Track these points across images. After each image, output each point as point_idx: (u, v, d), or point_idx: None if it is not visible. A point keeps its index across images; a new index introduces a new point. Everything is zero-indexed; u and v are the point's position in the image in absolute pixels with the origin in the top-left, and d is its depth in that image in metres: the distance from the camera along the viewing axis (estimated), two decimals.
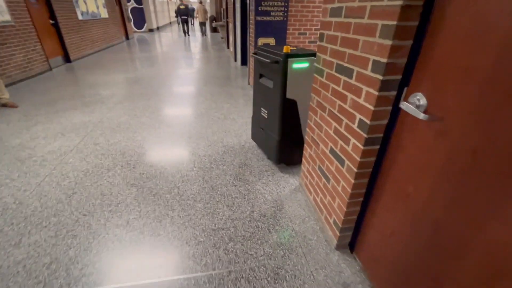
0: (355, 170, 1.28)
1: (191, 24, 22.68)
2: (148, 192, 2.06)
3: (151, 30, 15.17)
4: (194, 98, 4.26)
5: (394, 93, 1.10)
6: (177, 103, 4.06)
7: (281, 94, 2.05)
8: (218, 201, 1.98)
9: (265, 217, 1.84)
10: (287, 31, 4.26)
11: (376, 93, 1.08)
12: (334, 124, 1.47)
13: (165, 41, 11.69)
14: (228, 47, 9.35)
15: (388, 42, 0.98)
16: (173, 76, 5.61)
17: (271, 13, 4.08)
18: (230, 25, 7.87)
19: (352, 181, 1.32)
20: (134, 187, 2.11)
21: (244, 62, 6.64)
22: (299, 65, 1.98)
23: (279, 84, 2.03)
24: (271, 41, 4.28)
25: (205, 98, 4.26)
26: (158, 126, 3.21)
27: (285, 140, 2.26)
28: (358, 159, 1.25)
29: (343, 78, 1.33)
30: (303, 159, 2.04)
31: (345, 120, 1.35)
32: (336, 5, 1.32)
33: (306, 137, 1.94)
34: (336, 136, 1.46)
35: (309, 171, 1.92)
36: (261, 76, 2.36)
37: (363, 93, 1.17)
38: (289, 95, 2.07)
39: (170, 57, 7.76)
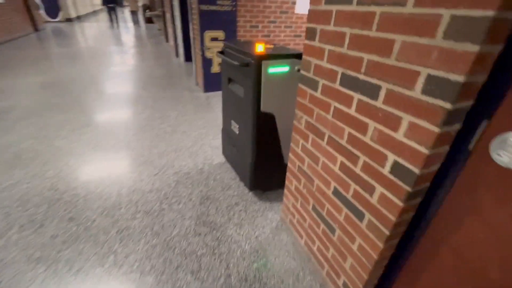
0: (387, 232, 0.87)
1: (122, 13, 20.20)
2: (65, 269, 1.36)
3: (69, 20, 12.75)
4: (130, 106, 3.43)
5: (458, 126, 0.70)
6: (108, 114, 3.19)
7: (253, 106, 1.58)
8: (177, 267, 1.40)
9: (246, 281, 1.35)
10: (237, 23, 3.72)
11: (436, 128, 0.66)
12: (340, 158, 1.04)
13: (90, 33, 9.87)
14: (167, 41, 8.31)
15: (471, 48, 0.56)
16: (101, 78, 4.55)
17: (217, 2, 3.47)
18: (168, 15, 6.91)
19: (381, 245, 0.91)
20: (42, 262, 1.38)
21: (188, 57, 5.86)
22: (276, 69, 1.50)
23: (251, 93, 1.56)
24: (220, 34, 3.69)
25: (145, 106, 3.47)
26: (81, 151, 2.38)
27: (260, 163, 1.79)
28: (393, 218, 0.84)
29: (357, 96, 0.89)
30: (285, 191, 1.59)
31: (363, 158, 0.92)
32: None
33: (290, 165, 1.49)
34: (345, 176, 1.03)
35: (296, 208, 1.48)
36: (230, 80, 1.85)
37: (404, 124, 0.75)
38: (264, 107, 1.59)
39: (97, 53, 6.44)
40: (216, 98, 3.88)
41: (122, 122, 2.98)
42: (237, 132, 1.89)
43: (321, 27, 1.01)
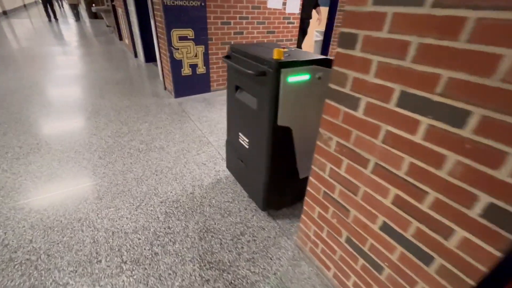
0: (472, 282, 0.73)
1: (60, 7, 17.94)
2: None
3: None
4: (89, 121, 2.91)
5: None
6: (62, 133, 2.65)
7: (270, 119, 1.37)
8: None
9: None
10: (208, 20, 3.38)
11: None
12: (395, 191, 0.86)
13: (23, 31, 8.45)
14: (121, 39, 7.48)
15: None
16: (46, 86, 3.84)
17: None
18: (120, 10, 6.16)
19: None
20: None
21: (149, 58, 5.30)
22: (296, 77, 1.30)
23: (267, 105, 1.35)
24: (189, 33, 3.31)
25: (108, 119, 2.97)
26: (31, 187, 1.89)
27: (274, 181, 1.60)
28: (484, 268, 0.69)
29: (427, 121, 0.72)
30: (303, 217, 1.40)
31: (434, 194, 0.76)
32: None
33: (311, 190, 1.29)
34: (401, 211, 0.86)
35: (320, 237, 1.29)
36: (237, 87, 1.63)
37: (510, 160, 0.59)
38: (281, 121, 1.39)
39: (35, 55, 5.47)
40: (191, 103, 3.52)
41: (81, 142, 2.49)
42: (247, 147, 1.67)
43: (366, 33, 0.81)
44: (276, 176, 1.59)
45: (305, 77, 1.33)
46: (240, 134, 1.72)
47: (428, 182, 0.76)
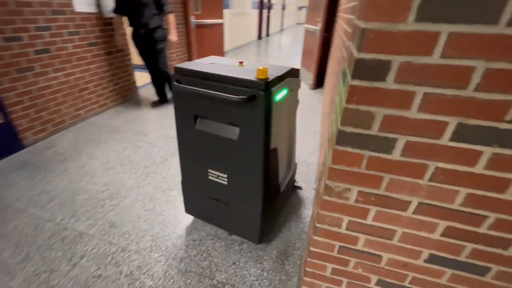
0: None
1: None
2: None
3: None
4: None
5: None
6: None
7: (263, 146, 1.23)
8: None
9: None
10: None
11: None
12: (446, 223, 0.77)
13: None
14: None
15: None
16: None
17: None
18: None
19: None
20: None
21: None
22: (281, 94, 1.25)
23: (258, 132, 1.20)
24: None
25: None
26: None
27: (268, 209, 1.50)
28: None
29: (491, 150, 0.64)
30: (306, 278, 1.12)
31: (494, 216, 0.72)
32: None
33: (315, 249, 1.01)
34: (454, 240, 0.80)
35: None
36: (196, 118, 1.38)
37: None
38: (273, 144, 1.31)
39: None
40: (2, 181, 2.07)
41: None
42: (225, 183, 1.47)
43: (405, 59, 0.59)
44: (269, 202, 1.49)
45: (285, 92, 1.29)
46: (210, 171, 1.48)
47: (489, 207, 0.72)
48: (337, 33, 2.86)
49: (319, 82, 4.72)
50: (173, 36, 3.28)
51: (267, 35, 12.72)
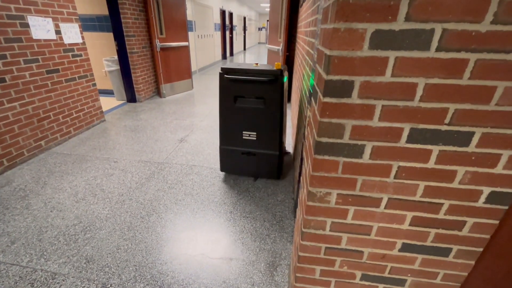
0: (480, 249, 0.93)
1: None
2: None
3: None
4: None
5: None
6: None
7: (280, 108, 2.08)
8: None
9: None
10: None
11: None
12: (412, 214, 0.90)
13: None
14: None
15: None
16: None
17: None
18: None
19: (473, 263, 0.96)
20: None
21: None
22: (285, 78, 2.07)
23: (276, 101, 2.06)
24: None
25: None
26: None
27: (281, 155, 2.32)
28: (488, 236, 0.90)
29: (438, 148, 0.78)
30: (297, 284, 1.17)
31: (448, 202, 0.86)
32: None
33: (303, 254, 1.08)
34: (419, 228, 0.92)
35: None
36: (236, 98, 2.15)
37: (503, 159, 0.77)
38: (284, 107, 2.14)
39: None
40: None
41: None
42: (255, 139, 2.24)
43: (364, 78, 0.72)
44: (281, 149, 2.27)
45: (286, 77, 2.14)
46: (244, 132, 2.23)
47: (442, 195, 0.86)
48: (299, 52, 3.11)
49: (288, 98, 4.96)
50: None
51: (231, 54, 13.12)
